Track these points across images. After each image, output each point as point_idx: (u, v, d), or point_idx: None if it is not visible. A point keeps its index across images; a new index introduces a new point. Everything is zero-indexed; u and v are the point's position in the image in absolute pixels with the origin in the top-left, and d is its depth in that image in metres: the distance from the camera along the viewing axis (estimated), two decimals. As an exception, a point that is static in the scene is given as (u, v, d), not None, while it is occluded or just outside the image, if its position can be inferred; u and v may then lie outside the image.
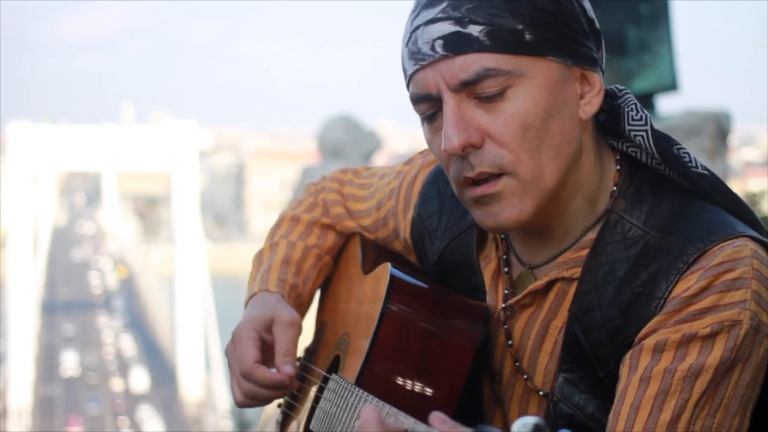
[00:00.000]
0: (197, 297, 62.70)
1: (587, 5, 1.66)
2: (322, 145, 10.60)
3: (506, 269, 1.76)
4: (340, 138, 10.43)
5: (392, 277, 1.77)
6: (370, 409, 1.41)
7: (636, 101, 1.70)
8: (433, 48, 1.60)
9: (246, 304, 1.98)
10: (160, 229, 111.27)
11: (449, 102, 1.60)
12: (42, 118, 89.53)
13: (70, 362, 68.22)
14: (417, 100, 1.65)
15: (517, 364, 1.72)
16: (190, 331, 62.67)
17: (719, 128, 8.66)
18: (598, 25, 1.67)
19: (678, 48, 8.30)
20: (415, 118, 1.69)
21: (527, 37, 1.59)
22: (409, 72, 1.65)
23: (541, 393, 1.70)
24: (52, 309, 79.45)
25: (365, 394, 1.65)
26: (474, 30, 1.58)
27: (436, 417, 1.34)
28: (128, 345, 74.53)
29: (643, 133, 1.67)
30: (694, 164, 1.67)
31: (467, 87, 1.59)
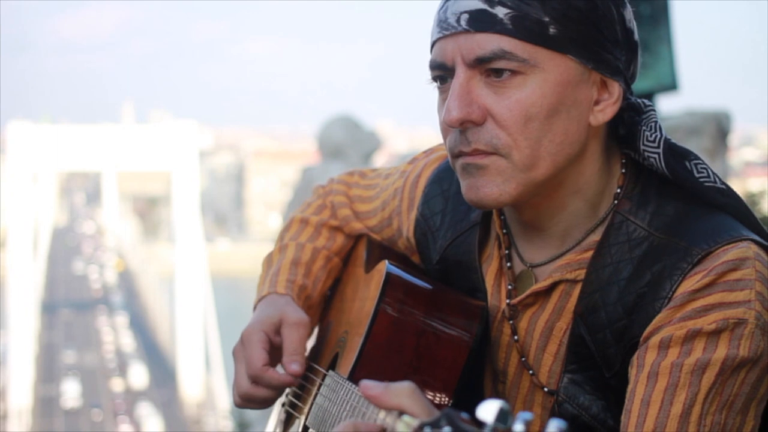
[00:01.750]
0: (197, 297, 62.67)
1: (628, 16, 1.66)
2: (322, 145, 10.61)
3: (509, 264, 1.77)
4: (340, 138, 10.44)
5: (388, 273, 1.78)
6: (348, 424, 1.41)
7: (656, 119, 1.71)
8: (458, 21, 1.63)
9: (255, 307, 1.99)
10: (160, 229, 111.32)
11: (460, 75, 1.63)
12: (42, 118, 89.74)
13: (71, 392, 63.43)
14: (433, 67, 1.68)
15: (523, 359, 1.73)
16: (190, 331, 62.58)
17: (719, 128, 8.66)
18: (637, 37, 1.67)
19: (678, 48, 8.30)
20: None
21: (551, 30, 1.60)
22: (433, 38, 1.68)
23: (546, 389, 1.71)
24: (52, 309, 79.39)
25: (353, 387, 1.65)
26: (500, 12, 1.61)
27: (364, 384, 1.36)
28: (128, 341, 74.02)
29: (656, 156, 1.68)
30: (711, 179, 1.68)
31: (481, 64, 1.62)
